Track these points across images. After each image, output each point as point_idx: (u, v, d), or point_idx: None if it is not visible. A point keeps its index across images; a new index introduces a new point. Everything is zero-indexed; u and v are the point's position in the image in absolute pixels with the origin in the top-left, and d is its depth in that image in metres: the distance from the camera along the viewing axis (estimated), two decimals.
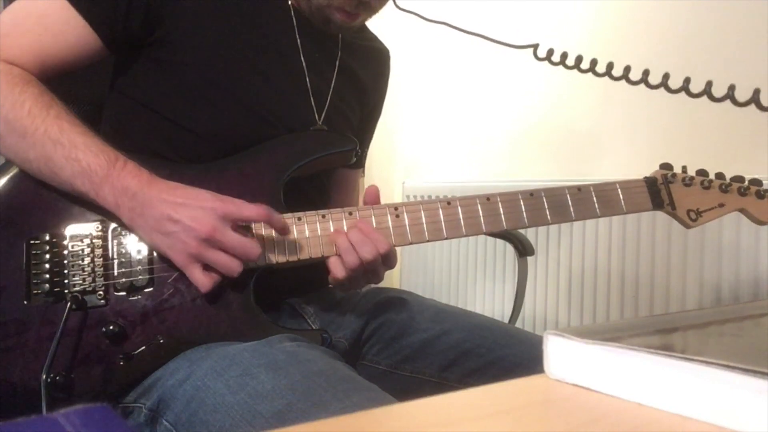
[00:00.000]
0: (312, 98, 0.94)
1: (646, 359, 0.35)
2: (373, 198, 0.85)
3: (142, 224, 0.75)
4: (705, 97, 0.72)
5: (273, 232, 0.80)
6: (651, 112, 1.61)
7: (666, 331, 0.44)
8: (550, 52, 0.81)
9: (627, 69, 0.78)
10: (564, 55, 0.80)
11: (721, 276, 1.44)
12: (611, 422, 0.33)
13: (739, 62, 1.44)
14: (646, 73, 0.77)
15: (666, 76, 0.75)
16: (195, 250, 0.73)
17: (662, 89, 0.75)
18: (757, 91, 0.67)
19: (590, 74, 0.78)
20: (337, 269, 0.80)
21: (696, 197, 0.94)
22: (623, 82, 0.78)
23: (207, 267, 0.75)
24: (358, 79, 1.03)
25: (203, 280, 0.74)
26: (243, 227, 0.77)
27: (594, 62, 0.79)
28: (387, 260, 0.81)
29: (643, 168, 0.98)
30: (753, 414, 0.30)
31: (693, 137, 1.52)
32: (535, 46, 0.82)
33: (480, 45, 0.91)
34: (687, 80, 0.74)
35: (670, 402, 0.33)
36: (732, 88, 0.69)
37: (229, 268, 0.74)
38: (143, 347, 0.75)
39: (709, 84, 0.72)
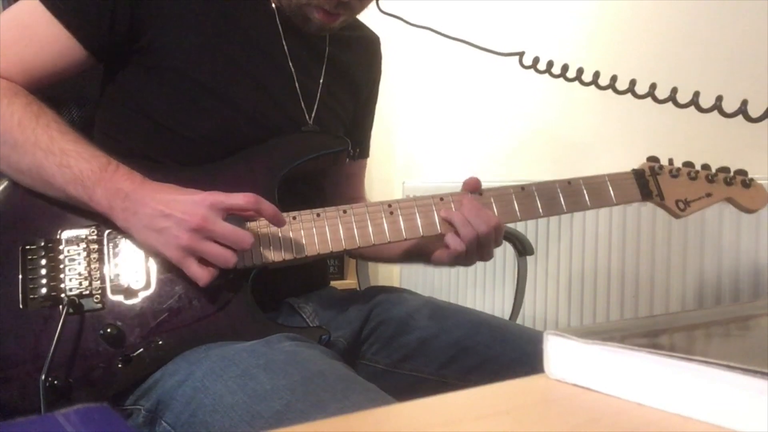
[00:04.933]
0: (301, 98, 0.94)
1: (646, 359, 0.35)
2: (474, 187, 0.91)
3: (135, 224, 0.75)
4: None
5: (269, 232, 0.80)
6: (649, 115, 1.61)
7: (666, 331, 0.44)
8: (536, 60, 0.82)
9: (613, 78, 0.78)
10: (549, 64, 0.80)
11: (721, 275, 1.44)
12: (611, 422, 0.33)
13: (732, 72, 1.44)
14: (632, 83, 0.77)
15: (653, 86, 0.75)
16: (187, 243, 0.73)
17: (649, 99, 0.75)
18: (744, 103, 0.67)
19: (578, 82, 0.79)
20: (456, 243, 0.85)
21: (683, 188, 0.96)
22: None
23: (203, 261, 0.75)
24: (349, 72, 1.03)
25: (200, 274, 0.74)
26: (236, 220, 0.76)
27: (580, 71, 0.80)
28: (498, 236, 0.88)
29: None
30: (753, 414, 0.30)
31: (691, 140, 1.52)
32: (521, 54, 0.83)
33: (478, 50, 0.91)
34: (674, 90, 0.74)
35: (670, 402, 0.33)
36: (719, 99, 0.70)
37: (224, 259, 0.74)
38: (141, 349, 0.75)
39: (696, 94, 0.72)
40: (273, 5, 0.93)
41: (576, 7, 1.82)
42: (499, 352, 0.87)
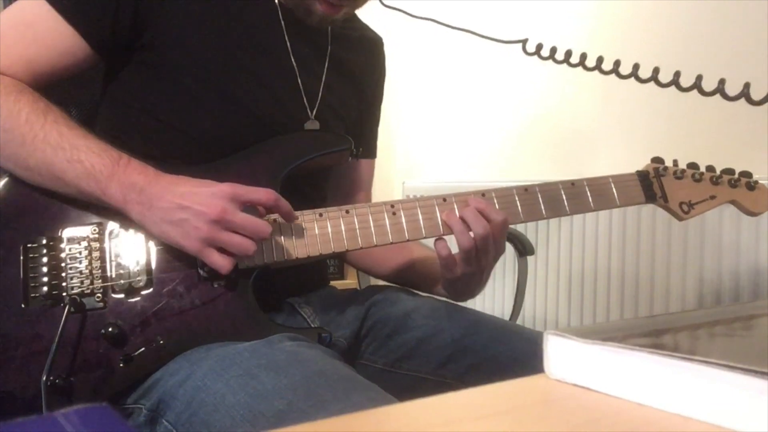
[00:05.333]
0: (303, 95, 0.94)
1: (646, 359, 0.35)
2: None
3: (151, 217, 0.75)
4: (705, 99, 0.72)
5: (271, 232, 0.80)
6: (650, 111, 1.61)
7: (666, 331, 0.44)
8: (539, 46, 0.81)
9: (617, 63, 0.78)
10: (553, 50, 0.80)
11: (721, 275, 1.44)
12: (611, 422, 0.33)
13: (737, 58, 1.44)
14: (636, 67, 0.76)
15: (656, 71, 0.75)
16: (207, 234, 0.73)
17: (653, 83, 0.75)
18: (747, 86, 0.67)
19: (586, 72, 0.79)
20: (441, 247, 0.84)
21: (688, 190, 0.95)
22: (620, 80, 0.78)
23: (221, 250, 0.75)
24: (351, 71, 1.03)
25: (221, 262, 0.74)
26: (251, 211, 0.76)
27: (584, 56, 0.79)
28: (497, 236, 0.84)
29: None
30: (753, 414, 0.30)
31: (692, 138, 1.52)
32: (524, 41, 0.82)
33: (479, 44, 0.91)
34: (677, 74, 0.74)
35: (670, 402, 0.33)
36: (722, 82, 0.69)
37: (244, 248, 0.74)
38: (143, 348, 0.75)
39: (699, 78, 0.72)
40: (276, 1, 0.93)
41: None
42: (498, 352, 0.87)
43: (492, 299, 2.01)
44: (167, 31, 0.86)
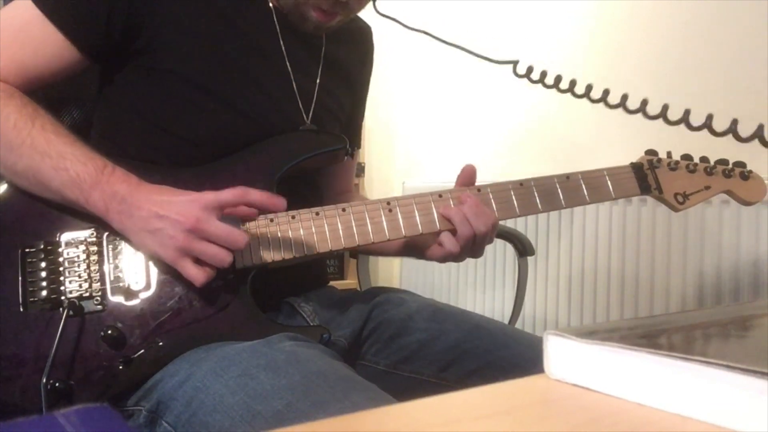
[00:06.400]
0: (299, 99, 0.94)
1: (646, 359, 0.35)
2: (469, 178, 0.92)
3: (131, 226, 0.75)
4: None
5: (268, 231, 0.80)
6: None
7: (666, 331, 0.44)
8: (530, 69, 0.82)
9: (606, 92, 0.78)
10: (543, 74, 0.80)
11: (721, 275, 1.44)
12: (611, 422, 0.33)
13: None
14: (624, 98, 0.77)
15: (644, 102, 0.76)
16: (182, 243, 0.73)
17: (640, 115, 0.76)
18: (734, 122, 0.67)
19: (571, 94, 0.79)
20: (451, 243, 0.86)
21: (682, 181, 0.96)
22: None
23: (198, 261, 0.75)
24: (344, 68, 1.04)
25: (196, 274, 0.74)
26: (232, 220, 0.76)
27: (573, 83, 0.80)
28: (492, 234, 0.88)
29: None
30: (753, 414, 0.30)
31: (691, 138, 1.52)
32: (515, 63, 0.83)
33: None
34: (665, 107, 0.75)
35: (670, 402, 0.33)
36: (710, 117, 0.70)
37: (219, 258, 0.74)
38: (142, 350, 0.75)
39: (687, 112, 0.73)
40: (270, 4, 0.93)
41: (572, 11, 1.82)
42: (499, 357, 0.87)
43: (492, 299, 2.01)
44: (162, 35, 0.85)
